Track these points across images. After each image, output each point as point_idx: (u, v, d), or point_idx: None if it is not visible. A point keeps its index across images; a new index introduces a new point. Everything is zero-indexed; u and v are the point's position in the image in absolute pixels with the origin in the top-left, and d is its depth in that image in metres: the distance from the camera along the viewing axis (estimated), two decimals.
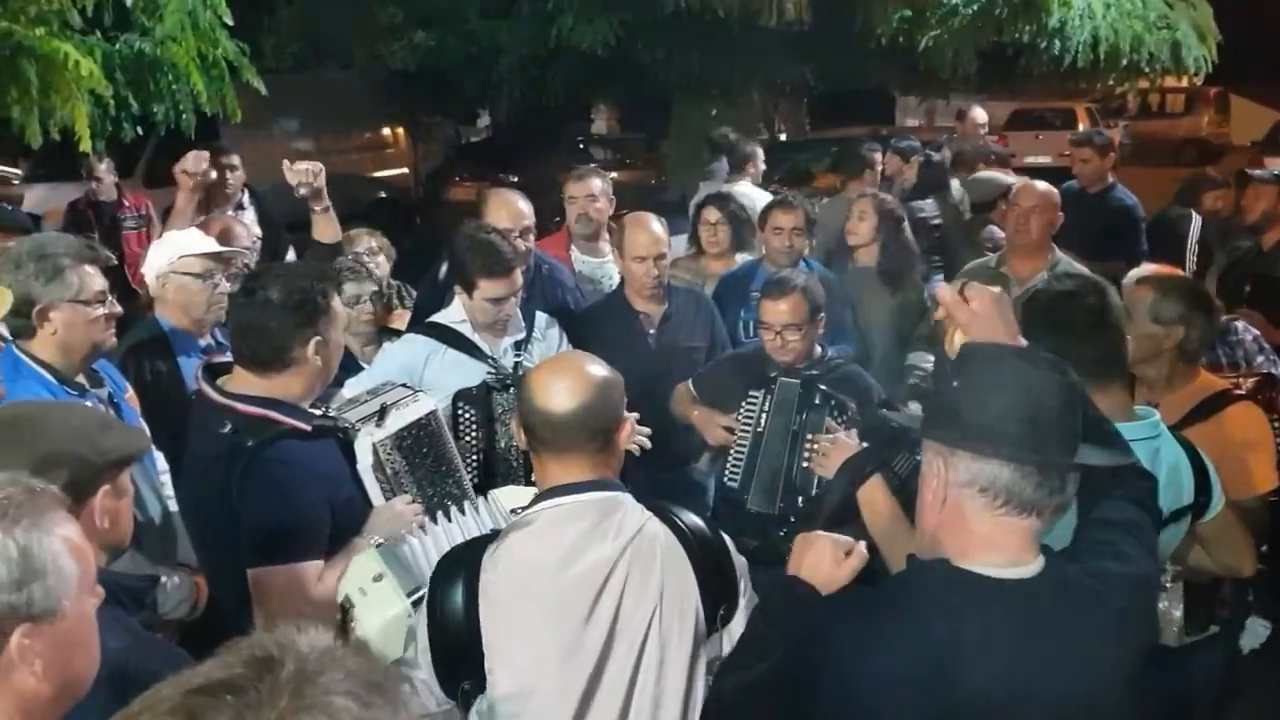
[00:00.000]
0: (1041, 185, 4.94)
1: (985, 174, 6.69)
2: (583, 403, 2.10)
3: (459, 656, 2.04)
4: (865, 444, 2.91)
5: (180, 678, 0.87)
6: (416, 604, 2.27)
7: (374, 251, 4.72)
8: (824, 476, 3.34)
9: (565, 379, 2.13)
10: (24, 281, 2.89)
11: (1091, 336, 2.58)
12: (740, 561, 2.22)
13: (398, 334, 4.32)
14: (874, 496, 2.54)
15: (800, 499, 3.48)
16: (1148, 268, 3.54)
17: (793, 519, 3.42)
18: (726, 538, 2.24)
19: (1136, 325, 3.06)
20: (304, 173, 4.02)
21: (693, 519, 2.19)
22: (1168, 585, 2.52)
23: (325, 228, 4.14)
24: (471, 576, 2.06)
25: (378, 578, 2.36)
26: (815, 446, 3.36)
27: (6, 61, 5.61)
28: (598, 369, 2.18)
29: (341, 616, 2.39)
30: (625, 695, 2.07)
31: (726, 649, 2.15)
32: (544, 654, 2.04)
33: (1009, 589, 1.72)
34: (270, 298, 2.62)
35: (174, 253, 3.62)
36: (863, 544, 2.03)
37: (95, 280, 3.02)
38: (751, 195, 6.38)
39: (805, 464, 3.45)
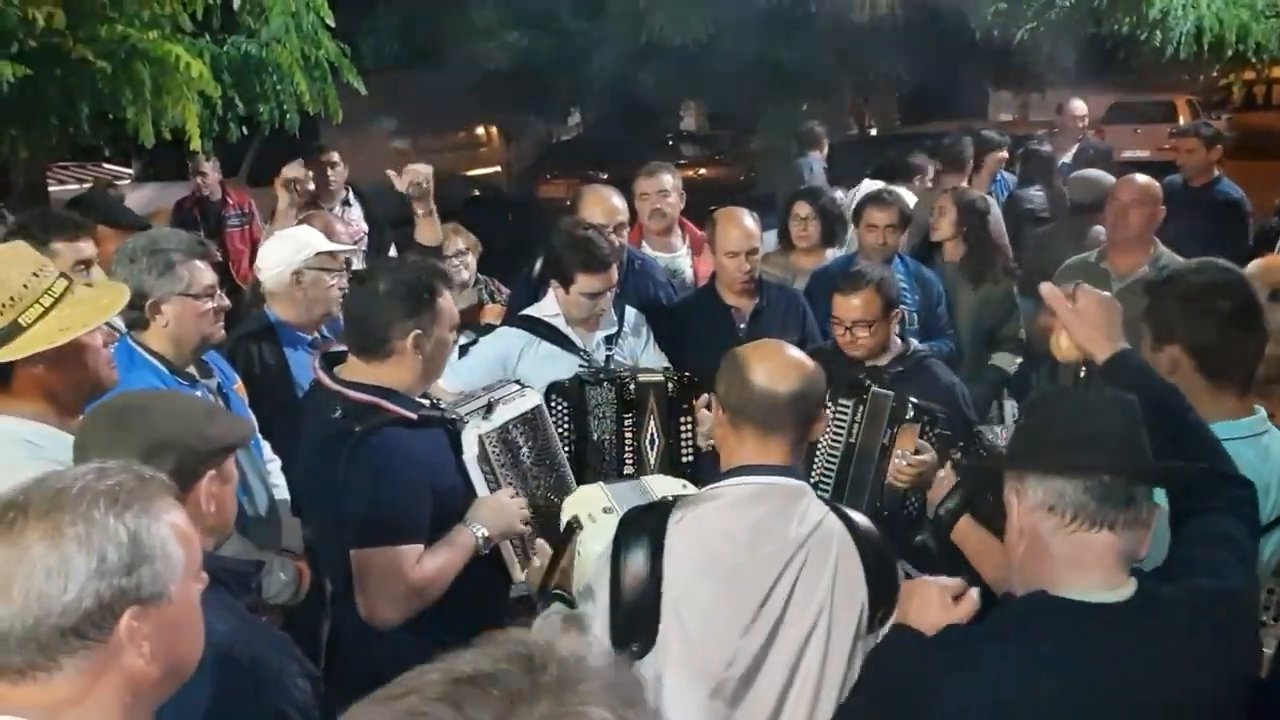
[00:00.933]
0: (1141, 178, 4.81)
1: (1089, 173, 6.51)
2: (801, 387, 2.18)
3: (636, 616, 2.10)
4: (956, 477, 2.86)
5: (445, 664, 0.88)
6: None
7: (462, 252, 4.79)
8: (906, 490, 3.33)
9: (787, 362, 2.22)
10: (137, 275, 2.97)
11: (1239, 335, 2.45)
12: (900, 570, 2.26)
13: (487, 330, 4.38)
14: (964, 536, 2.53)
15: (885, 512, 3.44)
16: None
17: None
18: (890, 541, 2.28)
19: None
20: (415, 173, 4.12)
21: (864, 520, 2.24)
22: None
23: (427, 230, 4.21)
24: (658, 539, 2.11)
25: (608, 510, 2.46)
26: (903, 462, 3.33)
27: (122, 64, 5.81)
28: (807, 358, 2.26)
29: (566, 536, 2.47)
30: (787, 678, 2.11)
31: None
32: (720, 624, 2.10)
33: (1104, 613, 1.74)
34: (377, 288, 2.71)
35: (305, 249, 3.66)
36: (975, 590, 2.02)
37: (205, 275, 3.09)
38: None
39: (892, 479, 3.39)
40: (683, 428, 3.65)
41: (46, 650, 1.31)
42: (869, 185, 6.53)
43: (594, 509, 2.50)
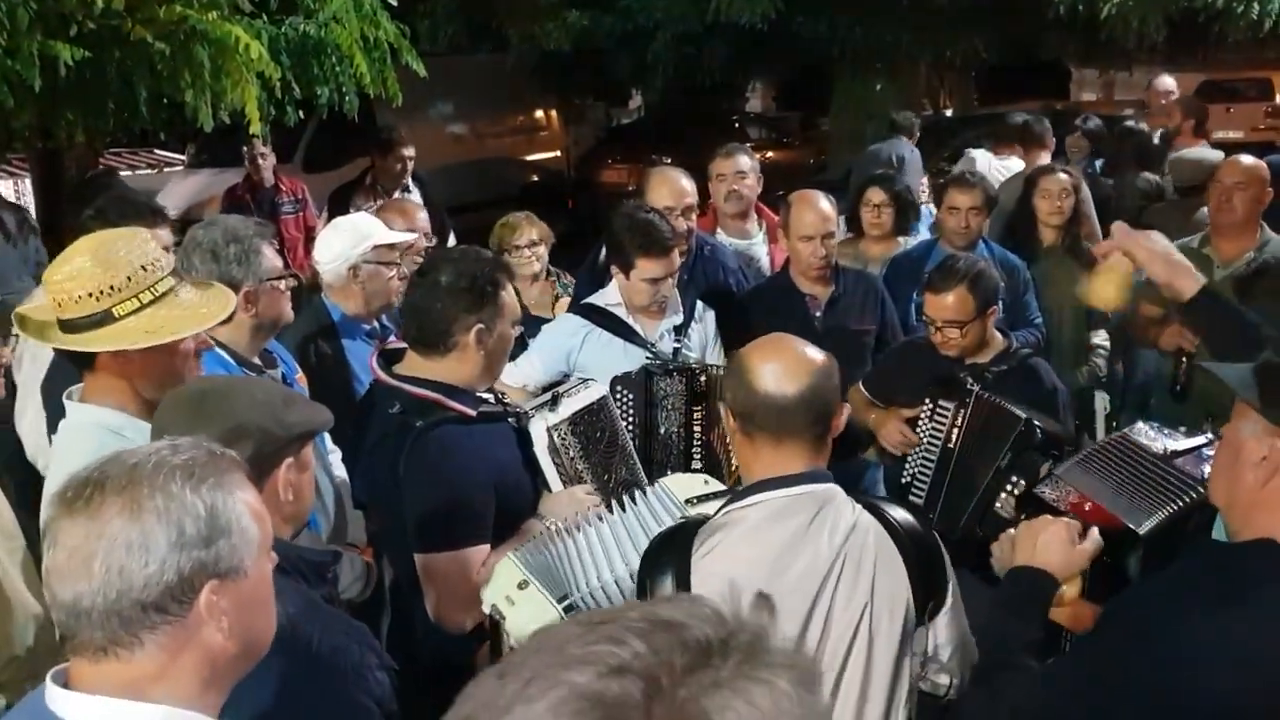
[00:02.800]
0: (1247, 159, 4.59)
1: (1191, 153, 6.18)
2: (809, 385, 2.02)
3: None
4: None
5: (644, 606, 0.89)
6: (568, 610, 2.23)
7: (535, 243, 4.62)
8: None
9: (788, 361, 2.05)
10: (226, 267, 2.95)
11: None
12: (946, 555, 2.15)
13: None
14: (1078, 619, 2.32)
15: (981, 535, 3.20)
16: None
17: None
18: (935, 533, 2.15)
19: None
20: None
21: (903, 514, 2.12)
22: None
23: None
24: (683, 573, 2.00)
25: (523, 585, 2.30)
26: (1018, 492, 3.10)
27: (180, 46, 5.72)
28: (815, 351, 2.10)
29: (493, 628, 2.35)
30: (832, 688, 2.02)
31: (932, 643, 2.10)
32: None
33: None
34: (439, 280, 2.64)
35: (362, 243, 3.62)
36: (1095, 529, 2.01)
37: (276, 257, 3.12)
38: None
39: (998, 504, 3.17)
40: None
41: (129, 625, 1.32)
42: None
43: (510, 590, 2.31)
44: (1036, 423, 3.18)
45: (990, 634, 1.98)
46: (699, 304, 3.87)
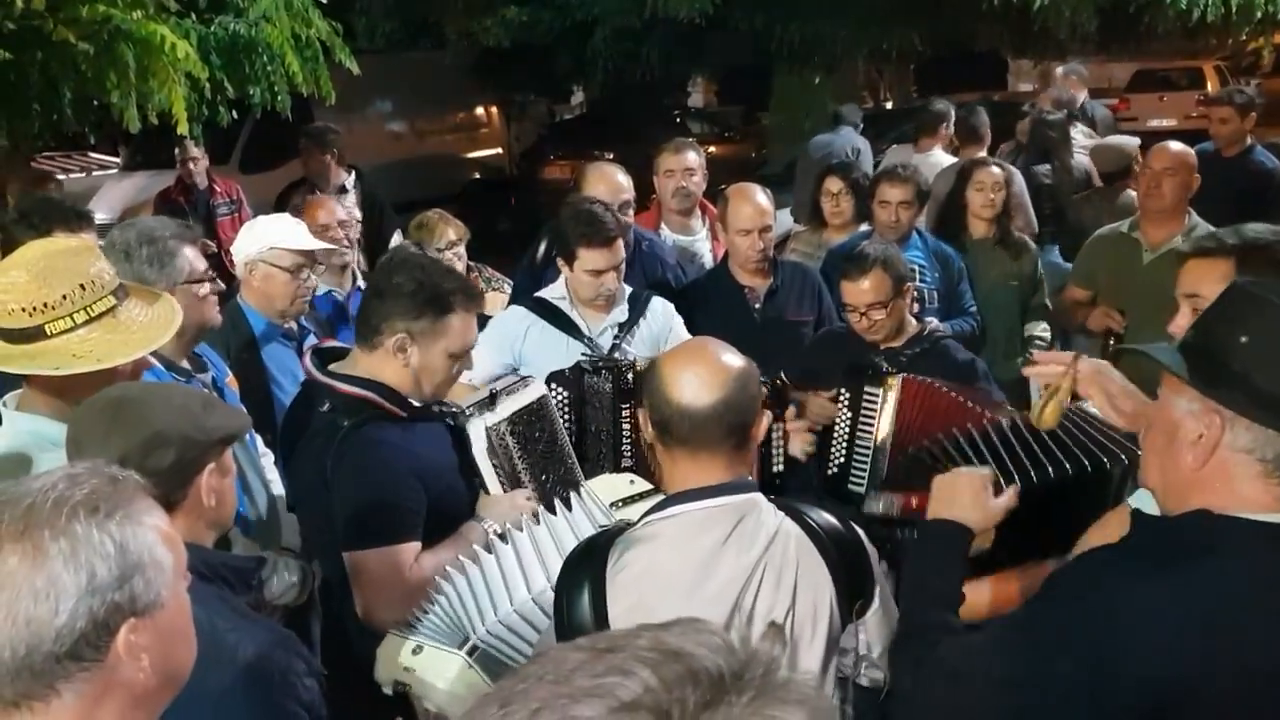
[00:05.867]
0: (1176, 145, 4.64)
1: (1112, 140, 6.29)
2: (723, 397, 1.92)
3: None
4: None
5: (651, 632, 0.86)
6: (472, 652, 2.17)
7: (454, 243, 4.57)
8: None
9: (703, 371, 1.95)
10: (139, 269, 2.88)
11: None
12: (873, 551, 2.11)
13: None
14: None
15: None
16: None
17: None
18: (859, 530, 2.10)
19: None
20: None
21: (825, 518, 2.06)
22: None
23: None
24: (597, 585, 1.93)
25: (417, 650, 2.22)
26: None
27: (105, 46, 5.63)
28: (734, 359, 1.99)
29: (404, 702, 2.25)
30: None
31: (864, 642, 2.07)
32: None
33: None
34: (392, 276, 2.62)
35: (265, 242, 3.59)
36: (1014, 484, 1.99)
37: (200, 259, 3.04)
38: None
39: None
40: None
41: (42, 678, 1.24)
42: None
43: (406, 659, 2.23)
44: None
45: (907, 589, 1.95)
46: (655, 301, 3.82)
